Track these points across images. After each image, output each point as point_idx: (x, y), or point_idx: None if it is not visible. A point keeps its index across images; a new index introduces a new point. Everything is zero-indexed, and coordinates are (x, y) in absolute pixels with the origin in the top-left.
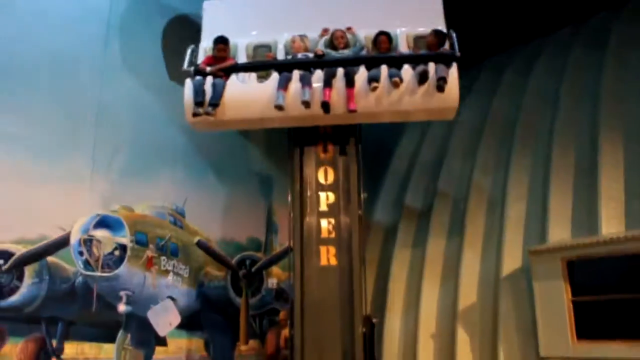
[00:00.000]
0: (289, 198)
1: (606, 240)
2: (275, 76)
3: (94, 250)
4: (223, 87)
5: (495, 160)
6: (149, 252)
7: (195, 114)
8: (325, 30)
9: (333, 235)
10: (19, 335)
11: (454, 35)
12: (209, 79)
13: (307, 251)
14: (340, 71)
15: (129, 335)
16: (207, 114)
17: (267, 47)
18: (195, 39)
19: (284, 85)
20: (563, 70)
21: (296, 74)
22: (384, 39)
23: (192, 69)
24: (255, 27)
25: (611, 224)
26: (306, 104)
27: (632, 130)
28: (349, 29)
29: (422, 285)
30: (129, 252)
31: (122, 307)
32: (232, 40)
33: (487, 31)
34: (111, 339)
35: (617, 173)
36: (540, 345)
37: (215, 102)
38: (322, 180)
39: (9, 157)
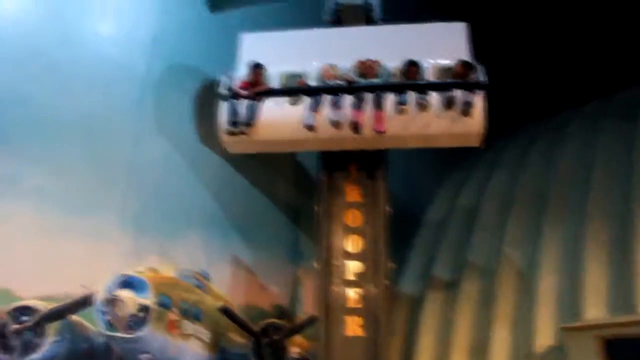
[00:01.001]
0: (315, 266)
1: None
2: (306, 100)
3: (117, 310)
4: (257, 108)
5: (526, 233)
6: (172, 315)
7: (230, 133)
8: (362, 63)
9: (360, 305)
10: None
11: (480, 66)
12: (244, 102)
13: (333, 320)
14: (369, 96)
15: None
16: (242, 132)
17: (299, 76)
18: None
19: (314, 107)
20: (594, 142)
21: (326, 98)
22: (413, 69)
23: (227, 92)
24: (288, 58)
25: None
26: (336, 124)
27: None
28: (375, 62)
29: None
30: (152, 314)
31: None
32: (266, 70)
33: (517, 102)
34: None
35: None
36: None
37: (250, 122)
38: (349, 248)
39: (37, 212)
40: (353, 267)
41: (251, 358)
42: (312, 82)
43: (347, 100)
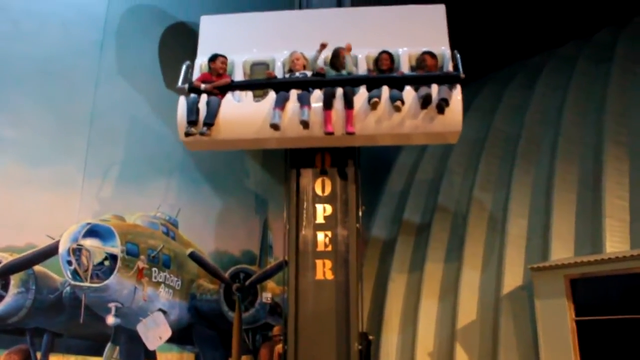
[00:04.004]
0: (285, 210)
1: (611, 258)
2: (272, 95)
3: (83, 260)
4: (218, 105)
5: (497, 176)
6: (140, 263)
7: (187, 134)
8: (323, 46)
9: (329, 248)
10: (2, 346)
11: (458, 55)
12: (204, 97)
13: (303, 264)
14: (339, 91)
15: (117, 349)
16: (201, 134)
17: (265, 65)
18: (193, 47)
19: (281, 104)
20: (567, 85)
21: (294, 93)
22: (385, 57)
23: (186, 86)
24: (253, 43)
25: (615, 243)
26: (305, 124)
27: (637, 147)
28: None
29: (420, 302)
30: (119, 263)
31: (110, 319)
32: (229, 57)
33: (489, 46)
34: (99, 352)
35: (622, 190)
36: None
37: (210, 122)
38: (319, 191)
39: None
40: (323, 210)
41: (222, 304)
42: (279, 72)
43: (315, 95)
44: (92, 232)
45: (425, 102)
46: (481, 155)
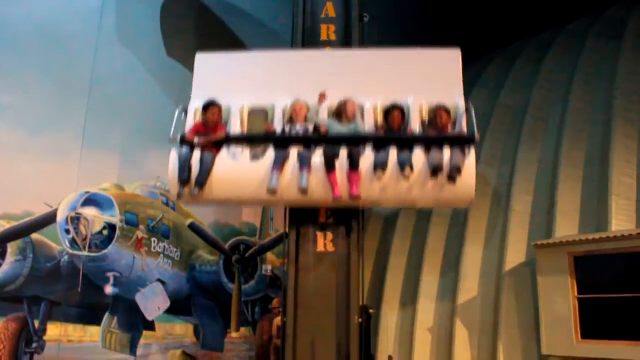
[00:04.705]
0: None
1: (616, 236)
2: (270, 153)
3: (82, 228)
4: (212, 163)
5: (502, 151)
6: (139, 233)
7: (179, 196)
8: (322, 96)
9: (331, 220)
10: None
11: (472, 110)
12: (197, 152)
13: (303, 236)
14: (343, 151)
15: (115, 318)
16: (193, 196)
17: (263, 112)
18: (194, 15)
19: (279, 164)
20: (576, 61)
21: (294, 150)
22: (397, 114)
23: (179, 136)
24: (251, 86)
25: (621, 221)
26: (303, 191)
27: None
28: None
29: (420, 277)
30: (118, 232)
31: (109, 289)
32: (226, 101)
33: (497, 22)
34: (97, 321)
35: (629, 168)
36: (542, 343)
37: (202, 182)
38: None
39: None
40: None
41: (221, 275)
42: (278, 121)
43: (318, 152)
44: (91, 200)
45: (435, 171)
46: (486, 130)
